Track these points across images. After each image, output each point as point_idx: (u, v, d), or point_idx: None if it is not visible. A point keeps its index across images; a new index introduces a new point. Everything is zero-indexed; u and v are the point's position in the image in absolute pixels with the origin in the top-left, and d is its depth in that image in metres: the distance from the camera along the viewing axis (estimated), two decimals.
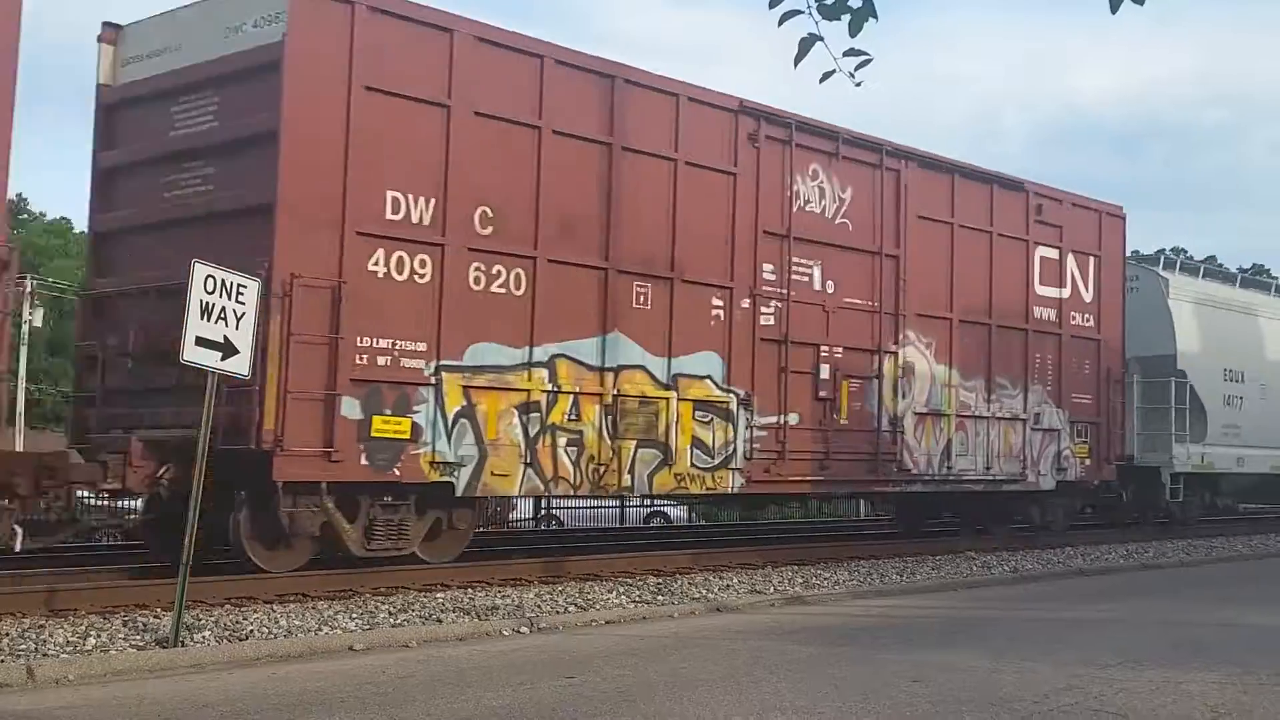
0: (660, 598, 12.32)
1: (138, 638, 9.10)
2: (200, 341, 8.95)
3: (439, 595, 11.70)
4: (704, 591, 12.78)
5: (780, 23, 4.72)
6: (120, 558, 13.19)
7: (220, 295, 9.05)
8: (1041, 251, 18.96)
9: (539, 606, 11.39)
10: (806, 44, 4.71)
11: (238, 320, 9.13)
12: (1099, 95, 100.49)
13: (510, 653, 9.37)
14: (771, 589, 13.32)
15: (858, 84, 4.75)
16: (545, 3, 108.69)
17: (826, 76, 4.79)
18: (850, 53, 4.73)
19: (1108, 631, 10.93)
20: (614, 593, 12.40)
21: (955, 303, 17.55)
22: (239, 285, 9.19)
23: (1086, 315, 19.83)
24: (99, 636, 9.05)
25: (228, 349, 9.10)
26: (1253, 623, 11.68)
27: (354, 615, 10.44)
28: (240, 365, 9.25)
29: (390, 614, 10.61)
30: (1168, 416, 21.51)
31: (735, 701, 7.56)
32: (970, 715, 7.27)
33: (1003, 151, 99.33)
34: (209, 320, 8.98)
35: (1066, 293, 19.39)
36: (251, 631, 9.57)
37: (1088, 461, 19.84)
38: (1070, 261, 19.49)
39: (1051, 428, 19.12)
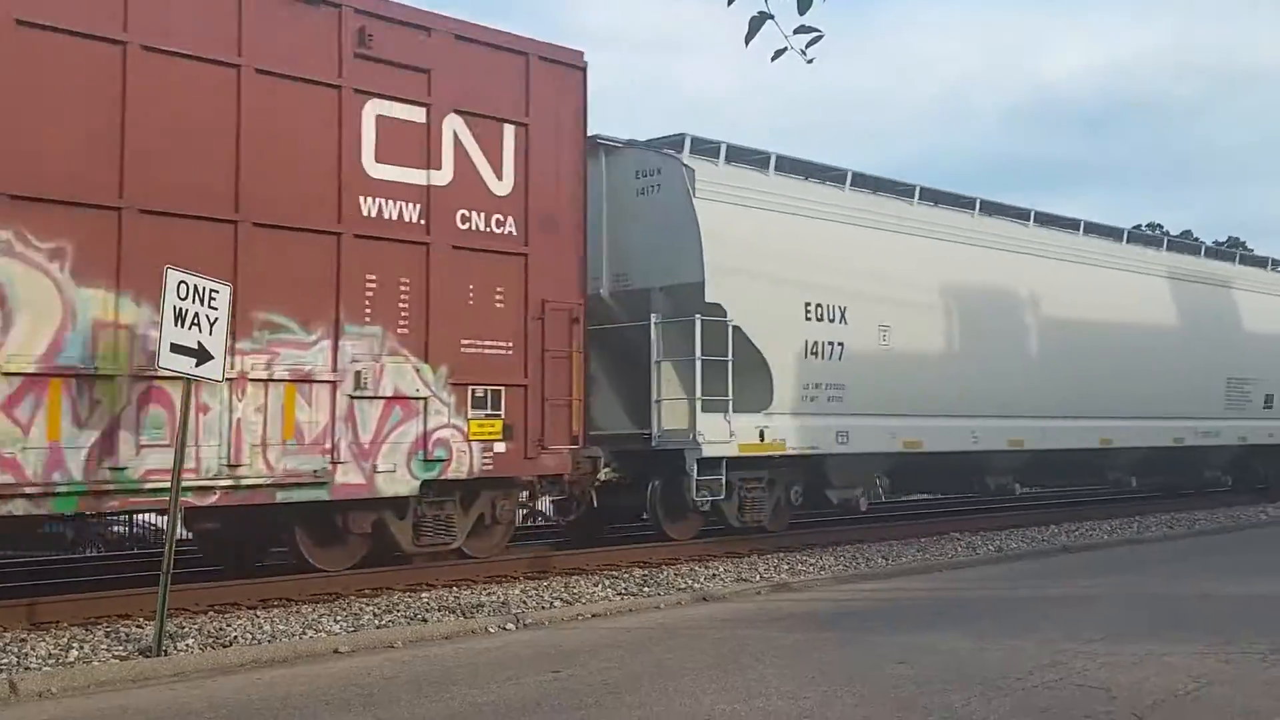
0: (646, 589, 12.33)
1: (120, 648, 9.06)
2: (175, 348, 8.91)
3: (424, 595, 11.69)
4: (690, 581, 12.80)
5: (730, 1, 4.75)
6: (100, 569, 13.14)
7: (193, 300, 9.01)
8: (381, 109, 11.98)
9: (525, 602, 11.39)
10: (756, 22, 4.73)
11: (210, 326, 9.09)
12: (1070, 74, 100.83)
13: (496, 649, 9.37)
14: (758, 576, 13.34)
15: (809, 60, 4.77)
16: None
17: (779, 54, 4.81)
18: (801, 30, 4.75)
19: (1091, 607, 10.98)
20: (600, 586, 12.41)
21: (128, 179, 10.36)
22: (211, 290, 9.14)
23: (497, 216, 12.87)
24: (81, 648, 9.00)
25: (202, 355, 9.06)
26: (1231, 593, 11.76)
27: (339, 618, 10.42)
28: (214, 370, 9.21)
29: (375, 615, 10.59)
30: (694, 374, 14.91)
31: (721, 690, 7.57)
32: (955, 695, 7.30)
33: (977, 129, 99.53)
34: (183, 326, 8.95)
35: (444, 178, 12.41)
36: (235, 638, 9.53)
37: (502, 447, 12.85)
38: (455, 130, 12.56)
39: (405, 395, 12.05)
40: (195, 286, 9.03)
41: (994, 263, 19.15)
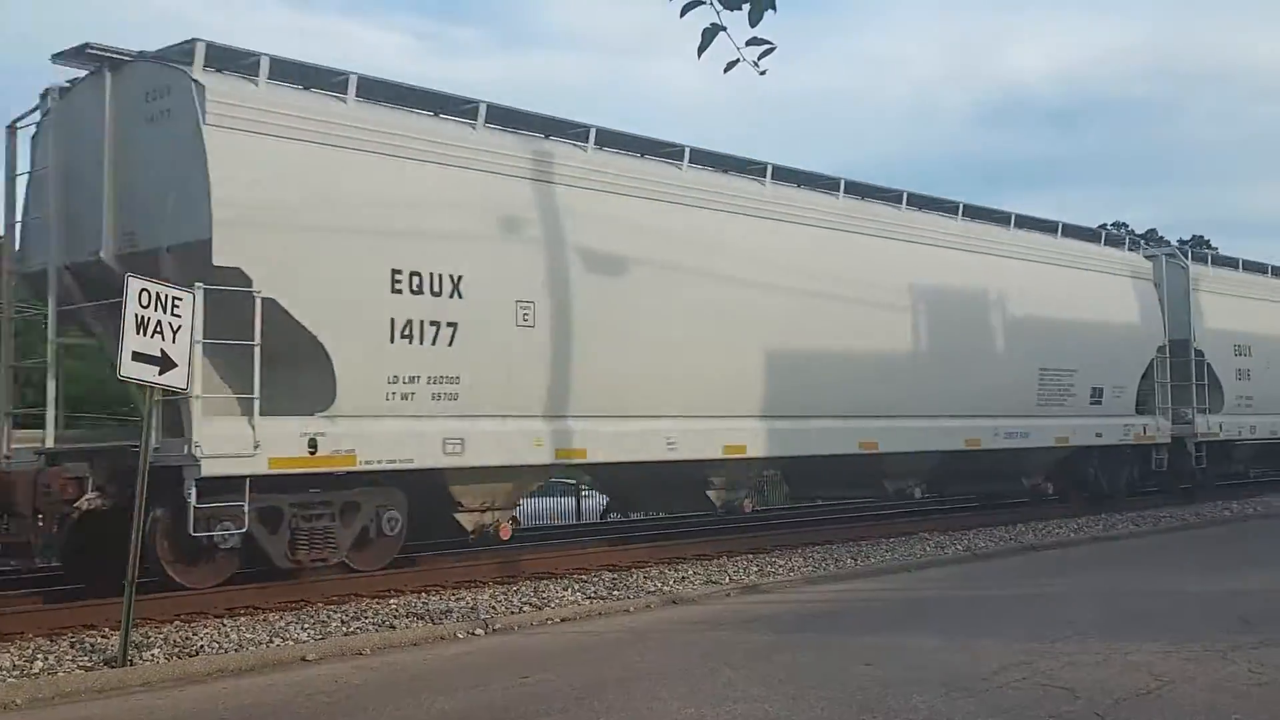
0: (616, 593, 12.34)
1: (86, 659, 8.99)
2: (137, 356, 8.86)
3: (392, 601, 11.66)
4: (659, 584, 12.82)
5: (683, 14, 4.78)
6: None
7: (155, 309, 8.95)
8: None
9: (493, 608, 11.37)
10: (709, 34, 4.76)
11: (174, 333, 9.04)
12: (1036, 73, 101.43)
13: (464, 655, 9.36)
14: (727, 579, 13.37)
15: (762, 73, 4.80)
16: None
17: (731, 66, 4.84)
18: (753, 42, 4.79)
19: (1056, 606, 11.07)
20: (569, 590, 12.41)
21: None
22: (174, 298, 9.09)
23: None
24: (46, 659, 8.94)
25: (165, 363, 9.01)
26: (1195, 590, 11.87)
27: (306, 625, 10.38)
28: (178, 379, 9.16)
29: (343, 622, 10.56)
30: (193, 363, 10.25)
31: (689, 694, 7.59)
32: (920, 696, 7.34)
33: (942, 133, 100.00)
34: (145, 335, 8.89)
35: None
36: (202, 647, 9.49)
37: None
38: None
39: None
40: (158, 294, 8.98)
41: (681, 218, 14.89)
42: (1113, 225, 42.87)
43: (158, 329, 8.94)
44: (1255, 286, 26.25)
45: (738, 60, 4.82)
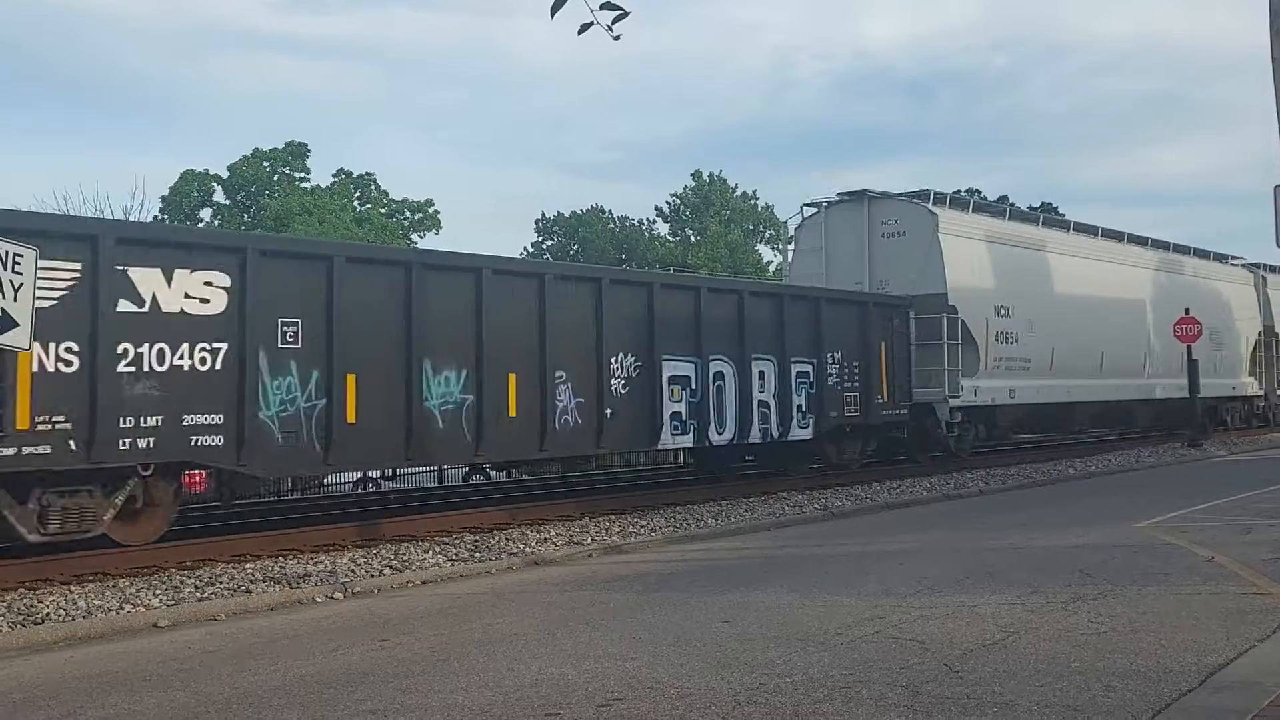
0: (477, 555, 12.31)
1: None
2: None
3: (248, 565, 11.45)
4: (521, 546, 12.82)
5: None
6: None
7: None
8: None
9: (353, 571, 11.25)
10: None
11: (15, 292, 8.70)
12: (890, 43, 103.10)
13: (323, 620, 9.24)
14: (589, 540, 13.44)
15: (615, 37, 4.78)
16: None
17: (584, 29, 4.82)
18: (606, 6, 4.77)
19: (909, 562, 11.38)
20: (430, 553, 12.33)
21: None
22: (15, 255, 8.74)
23: None
24: None
25: (5, 322, 8.66)
26: (1041, 545, 12.31)
27: (158, 591, 10.13)
28: (20, 339, 8.83)
29: (197, 588, 10.33)
30: None
31: (549, 654, 7.62)
32: (777, 651, 7.49)
33: (800, 99, 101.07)
34: None
35: None
36: (48, 615, 9.20)
37: None
38: None
39: None
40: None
41: None
42: (965, 192, 43.94)
43: None
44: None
45: (591, 24, 4.80)
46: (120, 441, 10.77)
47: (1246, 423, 34.76)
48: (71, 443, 10.34)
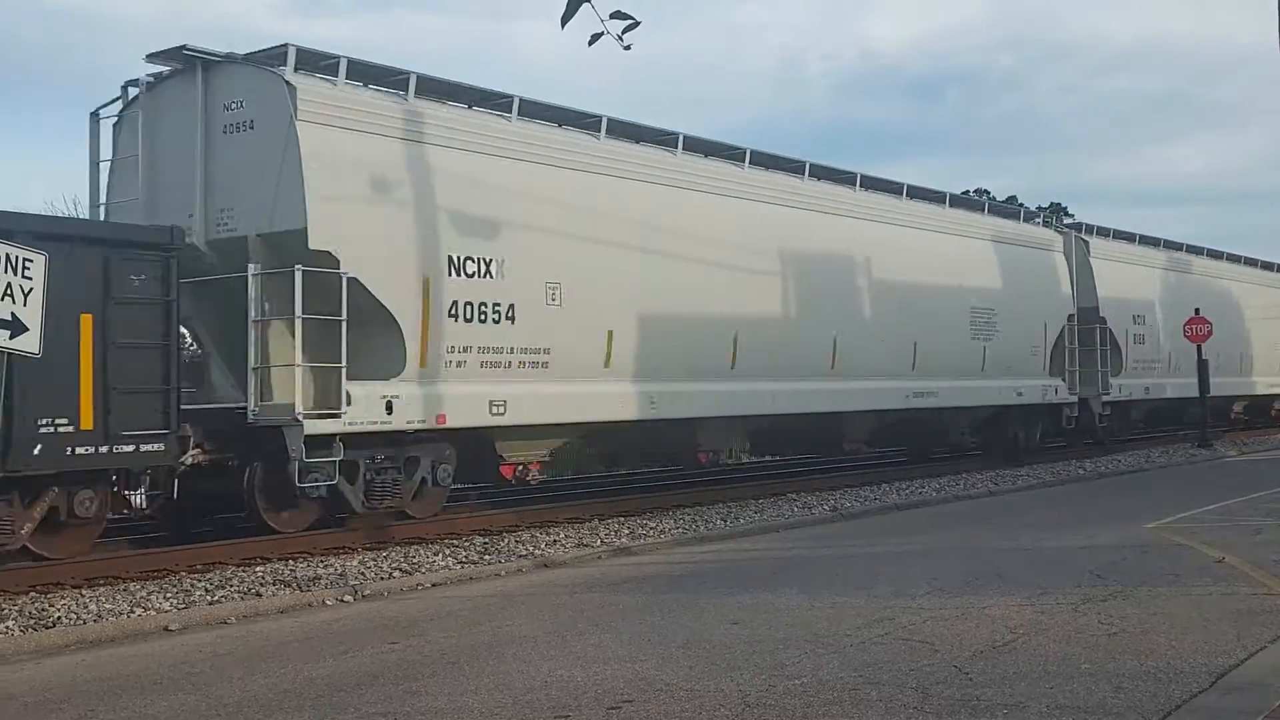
0: (487, 557, 12.32)
1: None
2: None
3: (258, 569, 11.48)
4: (531, 548, 12.83)
5: None
6: None
7: (6, 271, 8.63)
8: None
9: (363, 574, 11.27)
10: (574, 4, 4.73)
11: (25, 296, 8.73)
12: (896, 43, 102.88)
13: (333, 623, 9.26)
14: (598, 541, 13.45)
15: (626, 47, 4.78)
16: None
17: (595, 39, 4.82)
18: (616, 15, 4.77)
19: (918, 563, 11.37)
20: (440, 555, 12.35)
21: None
22: (25, 260, 8.77)
23: None
24: None
25: (16, 326, 8.70)
26: (1049, 546, 12.29)
27: (169, 595, 10.16)
28: (30, 343, 8.85)
29: (207, 591, 10.36)
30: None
31: (559, 656, 7.63)
32: (785, 652, 7.49)
33: (806, 99, 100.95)
34: None
35: None
36: (59, 618, 9.23)
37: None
38: None
39: None
40: (7, 255, 8.66)
41: None
42: (974, 193, 43.87)
43: (8, 292, 8.63)
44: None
45: (602, 33, 4.80)
46: None
47: (1041, 441, 25.04)
48: None
